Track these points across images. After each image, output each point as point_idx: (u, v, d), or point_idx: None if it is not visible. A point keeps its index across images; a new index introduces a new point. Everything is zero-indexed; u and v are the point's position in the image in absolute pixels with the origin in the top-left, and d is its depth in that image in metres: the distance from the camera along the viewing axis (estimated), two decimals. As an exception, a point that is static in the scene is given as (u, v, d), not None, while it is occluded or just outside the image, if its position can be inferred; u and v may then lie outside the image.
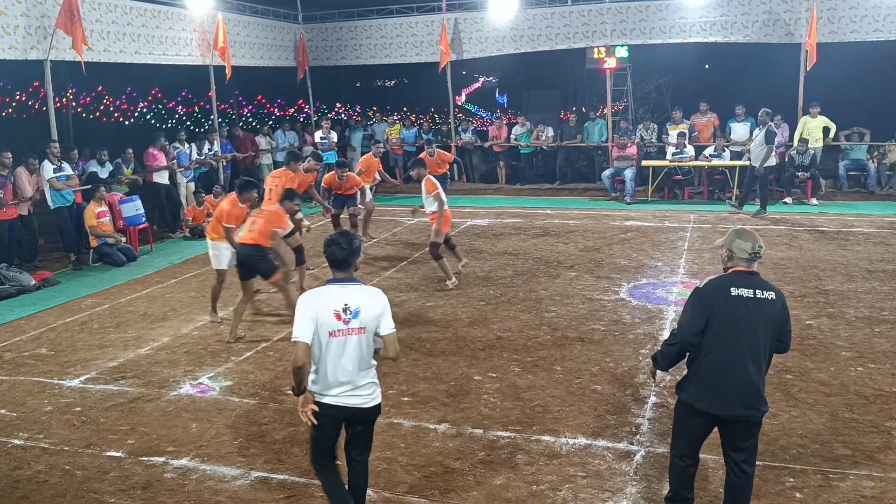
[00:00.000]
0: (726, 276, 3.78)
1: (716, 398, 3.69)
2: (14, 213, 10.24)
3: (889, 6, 13.40)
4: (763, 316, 3.67)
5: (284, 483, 4.59)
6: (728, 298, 3.67)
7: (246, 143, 15.77)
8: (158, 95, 21.38)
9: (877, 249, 10.00)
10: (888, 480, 4.40)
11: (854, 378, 5.86)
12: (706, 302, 3.70)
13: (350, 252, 3.77)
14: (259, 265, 7.18)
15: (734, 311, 3.66)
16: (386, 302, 3.83)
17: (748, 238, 3.75)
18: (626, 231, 11.62)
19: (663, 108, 18.79)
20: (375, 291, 3.84)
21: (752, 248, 3.72)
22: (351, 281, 3.80)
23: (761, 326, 3.67)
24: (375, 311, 3.75)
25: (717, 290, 3.71)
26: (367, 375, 3.82)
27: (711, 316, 3.67)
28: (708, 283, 3.77)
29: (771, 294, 3.71)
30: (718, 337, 3.68)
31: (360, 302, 3.73)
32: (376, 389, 3.88)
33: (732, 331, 3.66)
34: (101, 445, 5.16)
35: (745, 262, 3.75)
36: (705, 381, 3.72)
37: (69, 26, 10.39)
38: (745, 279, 3.72)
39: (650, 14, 14.84)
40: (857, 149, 14.52)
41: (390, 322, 3.80)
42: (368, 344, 3.78)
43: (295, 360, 3.66)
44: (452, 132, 17.10)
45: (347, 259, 3.78)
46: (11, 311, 8.49)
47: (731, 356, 3.66)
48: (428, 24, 16.36)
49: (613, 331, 7.12)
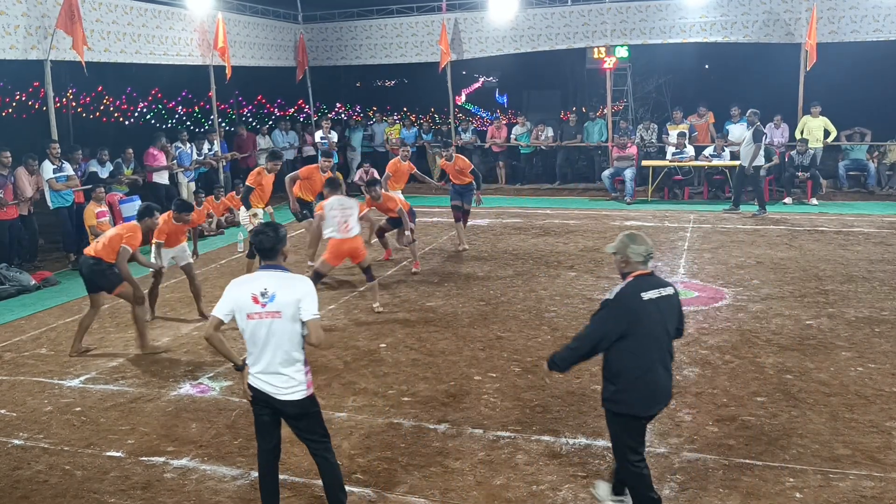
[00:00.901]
0: (632, 282, 3.86)
1: (649, 401, 3.83)
2: (14, 214, 10.24)
3: (889, 6, 13.40)
4: (669, 312, 3.87)
5: (284, 483, 4.58)
6: (642, 304, 3.78)
7: (249, 143, 15.80)
8: (158, 95, 21.37)
9: (877, 249, 9.99)
10: (888, 480, 4.40)
11: (854, 378, 5.86)
12: (624, 311, 3.78)
13: (276, 240, 3.93)
14: (99, 280, 6.85)
15: (649, 316, 3.78)
16: (308, 288, 3.88)
17: (641, 242, 3.90)
18: (626, 231, 11.59)
19: (663, 108, 18.79)
20: (299, 279, 3.94)
21: (645, 251, 3.88)
22: (276, 268, 3.93)
23: (668, 322, 3.86)
24: (293, 296, 3.82)
25: (630, 298, 3.79)
26: (287, 366, 3.85)
27: (630, 324, 3.75)
28: (620, 293, 3.83)
29: (669, 289, 3.89)
30: (640, 343, 3.76)
31: (277, 287, 3.83)
32: (297, 385, 3.88)
33: (651, 335, 3.79)
34: (101, 445, 5.16)
35: (642, 264, 3.89)
36: (637, 387, 3.79)
37: (69, 26, 10.40)
38: (648, 282, 3.86)
39: (650, 14, 14.84)
40: (858, 149, 14.52)
41: (312, 308, 3.85)
42: (287, 331, 3.82)
43: (204, 332, 4.01)
44: (452, 132, 17.10)
45: (274, 247, 3.93)
46: (11, 311, 8.50)
47: (653, 359, 3.80)
48: (428, 24, 16.36)
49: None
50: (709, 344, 6.69)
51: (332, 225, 7.67)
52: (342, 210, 7.70)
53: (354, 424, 5.34)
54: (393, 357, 6.64)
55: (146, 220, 7.01)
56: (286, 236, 4.02)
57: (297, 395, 3.90)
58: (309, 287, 3.90)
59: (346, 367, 6.46)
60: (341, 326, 7.54)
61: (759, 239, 10.78)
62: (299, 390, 3.90)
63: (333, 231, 7.67)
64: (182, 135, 13.71)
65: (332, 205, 7.76)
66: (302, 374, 3.91)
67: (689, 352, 6.51)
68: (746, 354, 6.42)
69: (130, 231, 6.82)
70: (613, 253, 3.97)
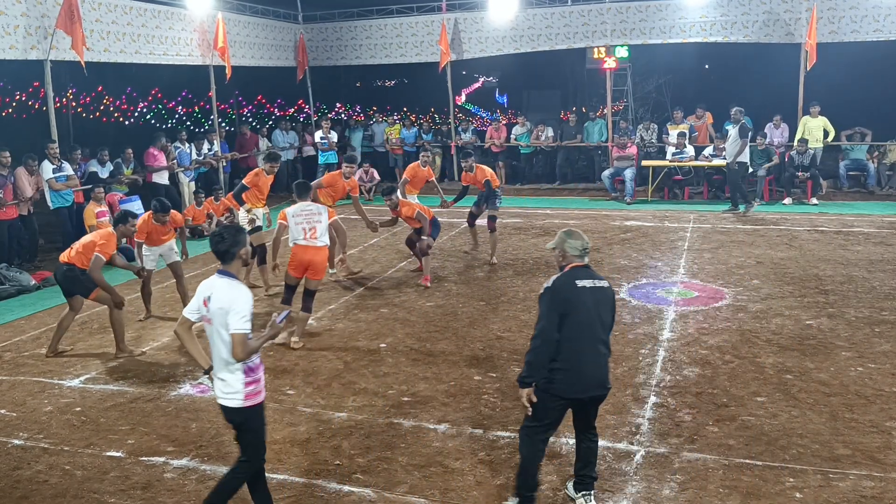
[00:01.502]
0: (568, 272, 4.12)
1: (580, 384, 4.02)
2: (14, 213, 10.24)
3: (889, 6, 13.40)
4: (603, 302, 4.10)
5: (284, 483, 4.59)
6: (576, 290, 4.02)
7: (250, 143, 15.82)
8: (158, 95, 21.37)
9: (877, 249, 9.99)
10: (888, 480, 4.40)
11: (854, 378, 5.86)
12: (559, 298, 4.00)
13: (230, 244, 3.90)
14: (72, 286, 6.82)
15: (583, 302, 4.02)
16: (238, 300, 3.78)
17: (577, 237, 4.16)
18: (626, 231, 11.61)
19: (663, 108, 18.79)
20: (237, 288, 3.85)
21: (581, 245, 4.14)
22: (225, 274, 3.92)
23: (602, 312, 4.09)
24: (222, 305, 3.79)
25: (565, 284, 4.04)
26: (225, 371, 3.86)
27: (565, 309, 3.98)
28: (556, 281, 4.07)
29: (603, 283, 4.15)
30: (574, 327, 3.98)
31: (217, 293, 3.84)
32: (234, 392, 3.85)
33: (584, 320, 4.01)
34: (101, 445, 5.16)
35: (579, 258, 4.15)
36: (569, 370, 3.98)
37: (69, 26, 10.40)
38: (583, 272, 4.12)
39: (650, 14, 14.84)
40: (858, 149, 14.52)
41: (237, 322, 3.76)
42: (221, 338, 3.83)
43: (175, 328, 4.14)
44: (452, 132, 17.10)
45: (228, 251, 3.91)
46: (11, 311, 8.50)
47: (587, 343, 4.02)
48: (428, 24, 16.36)
49: (613, 331, 7.09)
50: (709, 344, 6.69)
51: (296, 233, 6.99)
52: (307, 216, 7.04)
53: (354, 424, 5.34)
54: (393, 357, 6.64)
55: (121, 226, 6.97)
56: (244, 241, 3.96)
57: (231, 402, 3.87)
58: (240, 300, 3.79)
59: (346, 367, 6.45)
60: (341, 326, 7.54)
61: (759, 239, 10.78)
62: (235, 398, 3.86)
63: (298, 238, 6.96)
64: (181, 135, 13.71)
65: (295, 212, 7.10)
66: (240, 383, 3.85)
67: (689, 352, 6.52)
68: (746, 354, 6.42)
69: (105, 238, 6.79)
70: (553, 248, 4.22)
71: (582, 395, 4.05)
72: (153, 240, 7.74)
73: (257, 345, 3.85)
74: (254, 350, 3.83)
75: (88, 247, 6.75)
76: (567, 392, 4.01)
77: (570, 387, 4.00)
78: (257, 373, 3.92)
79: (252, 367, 3.89)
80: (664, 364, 6.27)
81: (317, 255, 6.91)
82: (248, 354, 3.80)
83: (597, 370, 4.06)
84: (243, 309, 3.78)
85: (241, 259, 3.98)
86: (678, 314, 7.57)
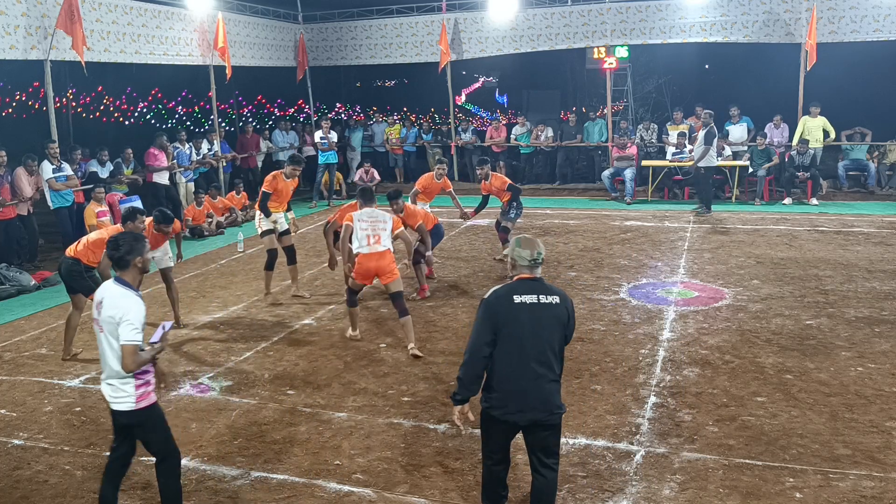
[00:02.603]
0: (510, 284, 3.85)
1: (512, 406, 3.74)
2: (12, 213, 10.24)
3: (889, 6, 13.40)
4: (547, 320, 3.76)
5: (284, 483, 4.59)
6: (511, 306, 3.74)
7: (252, 143, 15.82)
8: (158, 95, 21.38)
9: (877, 249, 9.99)
10: (888, 480, 4.40)
11: (854, 378, 5.86)
12: (491, 312, 3.75)
13: (125, 251, 3.85)
14: (75, 282, 6.75)
15: (517, 319, 3.72)
16: (127, 311, 3.74)
17: (527, 246, 3.86)
18: (626, 231, 11.62)
19: (663, 108, 18.80)
20: (130, 298, 3.80)
21: (530, 255, 3.82)
22: (118, 281, 3.88)
23: (547, 330, 3.76)
24: (113, 314, 3.76)
25: (500, 299, 3.78)
26: (114, 378, 3.84)
27: (498, 325, 3.73)
28: (492, 294, 3.82)
29: (555, 298, 3.80)
30: (506, 345, 3.73)
31: (108, 301, 3.81)
32: (126, 396, 3.83)
33: (518, 338, 3.72)
34: (101, 445, 5.16)
35: (528, 268, 3.84)
36: (500, 390, 3.76)
37: (69, 26, 10.40)
38: (527, 286, 3.81)
39: (650, 14, 14.84)
40: (858, 149, 14.52)
41: (127, 333, 3.72)
42: (110, 346, 3.80)
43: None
44: (452, 132, 17.10)
45: (123, 258, 3.86)
46: (11, 311, 8.50)
47: (520, 363, 3.73)
48: (428, 24, 16.36)
49: (613, 331, 7.12)
50: (709, 344, 6.69)
51: (361, 239, 6.85)
52: (372, 223, 6.88)
53: (354, 424, 5.34)
54: (393, 357, 6.64)
55: (129, 224, 6.86)
56: (141, 249, 3.91)
57: (123, 406, 3.85)
58: (130, 311, 3.75)
59: (346, 367, 6.46)
60: (341, 326, 7.54)
61: (759, 239, 10.78)
62: (127, 402, 3.83)
63: (362, 245, 6.84)
64: (181, 135, 13.71)
65: (361, 216, 6.93)
66: (131, 387, 3.83)
67: (689, 352, 6.52)
68: (746, 354, 6.42)
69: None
70: (505, 256, 4.00)
71: (514, 418, 3.75)
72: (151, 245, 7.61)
73: (148, 357, 3.81)
74: (144, 362, 3.79)
75: (98, 243, 6.69)
76: (496, 412, 3.75)
77: (500, 408, 3.75)
78: (147, 375, 3.89)
79: (143, 370, 3.85)
80: (664, 364, 6.27)
81: (382, 260, 6.78)
82: (138, 366, 3.76)
83: (535, 393, 3.73)
84: (135, 320, 3.74)
85: (137, 267, 3.91)
86: (678, 314, 7.57)
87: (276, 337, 7.30)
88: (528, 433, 3.84)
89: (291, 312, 8.08)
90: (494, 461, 3.91)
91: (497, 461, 3.91)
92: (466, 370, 3.80)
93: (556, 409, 3.79)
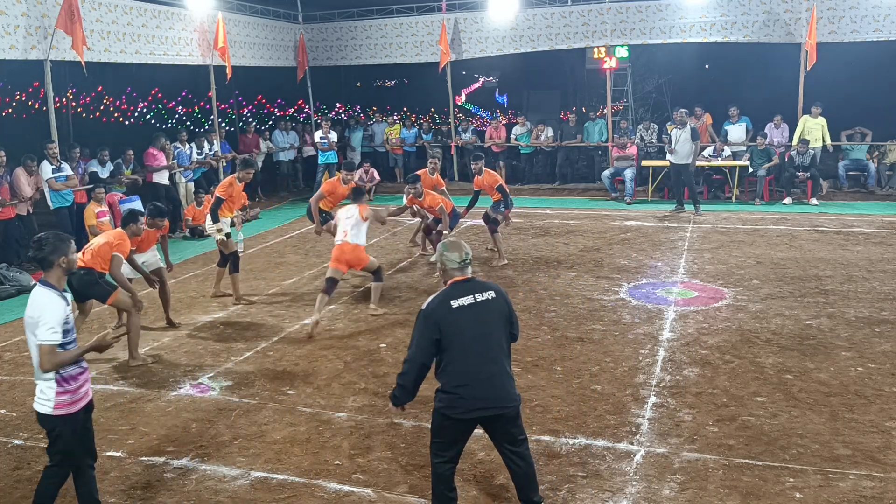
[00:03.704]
0: (446, 290, 3.91)
1: (466, 405, 3.79)
2: (12, 213, 10.23)
3: (889, 6, 13.40)
4: (489, 316, 3.85)
5: (284, 483, 4.59)
6: (451, 312, 3.81)
7: (252, 143, 15.83)
8: (158, 95, 21.35)
9: (877, 249, 10.00)
10: (888, 480, 4.40)
11: (854, 378, 5.86)
12: (432, 321, 3.80)
13: (48, 252, 3.80)
14: (89, 290, 6.73)
15: (458, 324, 3.79)
16: (44, 311, 3.70)
17: (454, 249, 3.95)
18: (626, 231, 11.62)
19: (663, 108, 18.79)
20: (47, 298, 3.76)
21: (459, 257, 3.92)
22: (45, 283, 3.83)
23: (491, 326, 3.85)
24: (32, 314, 3.73)
25: (439, 307, 3.83)
26: (38, 378, 3.82)
27: (441, 333, 3.78)
28: (430, 303, 3.86)
29: (490, 293, 3.90)
30: (453, 349, 3.79)
31: (31, 301, 3.78)
32: (46, 399, 3.80)
33: (464, 341, 3.79)
34: (101, 445, 5.14)
35: (459, 270, 3.93)
36: (453, 391, 3.80)
37: (69, 26, 10.40)
38: (462, 288, 3.88)
39: (650, 14, 14.84)
40: (858, 149, 14.53)
41: (43, 333, 3.68)
42: (31, 346, 3.79)
43: None
44: (452, 132, 17.10)
45: (46, 258, 3.81)
46: (11, 311, 8.50)
47: (469, 364, 3.79)
48: (428, 24, 16.37)
49: (613, 331, 7.12)
50: (709, 344, 6.69)
51: (339, 234, 7.80)
52: (346, 218, 7.80)
53: (354, 424, 5.34)
54: (393, 357, 6.64)
55: (131, 225, 6.93)
56: (65, 249, 3.84)
57: (40, 408, 3.82)
58: (49, 310, 3.71)
59: (346, 367, 6.46)
60: (341, 326, 7.55)
61: (759, 239, 10.78)
62: (46, 405, 3.80)
63: (338, 237, 7.78)
64: (181, 135, 13.71)
65: (342, 212, 7.93)
66: (52, 391, 3.78)
67: (689, 352, 6.52)
68: (746, 354, 6.42)
69: (119, 238, 6.77)
70: (434, 262, 4.05)
71: (469, 416, 3.81)
72: (143, 246, 7.48)
73: (68, 357, 3.75)
74: (63, 362, 3.73)
75: (104, 248, 6.68)
76: (452, 412, 3.80)
77: (454, 408, 3.79)
78: (72, 384, 3.82)
79: (66, 378, 3.80)
80: (664, 364, 6.27)
81: (352, 253, 7.62)
82: (56, 366, 3.72)
83: (494, 388, 3.81)
84: (51, 320, 3.68)
85: (61, 268, 3.85)
86: (678, 314, 7.57)
87: (276, 337, 7.30)
88: (490, 428, 3.93)
89: (291, 313, 8.08)
90: (444, 460, 3.94)
91: (447, 460, 3.94)
92: (406, 379, 3.89)
93: (512, 402, 3.87)
